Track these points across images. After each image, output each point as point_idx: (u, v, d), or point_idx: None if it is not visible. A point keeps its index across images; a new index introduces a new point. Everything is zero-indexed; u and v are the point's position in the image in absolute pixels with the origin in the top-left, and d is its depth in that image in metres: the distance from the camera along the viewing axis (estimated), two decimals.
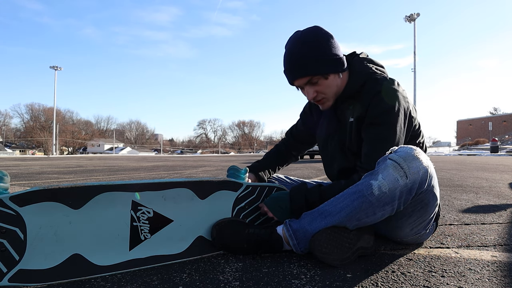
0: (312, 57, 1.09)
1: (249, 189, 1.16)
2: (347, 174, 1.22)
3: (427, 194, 1.03)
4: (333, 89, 1.16)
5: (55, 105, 37.73)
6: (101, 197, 0.92)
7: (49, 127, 58.16)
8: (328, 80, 1.14)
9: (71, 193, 0.88)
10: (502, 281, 0.88)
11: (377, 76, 1.17)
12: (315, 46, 1.10)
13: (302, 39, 1.11)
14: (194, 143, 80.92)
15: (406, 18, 26.57)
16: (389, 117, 1.09)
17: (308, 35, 1.11)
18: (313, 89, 1.15)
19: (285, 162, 1.55)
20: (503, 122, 47.81)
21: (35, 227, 0.85)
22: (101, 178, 4.36)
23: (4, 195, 0.82)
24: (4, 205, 0.81)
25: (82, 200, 0.90)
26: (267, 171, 1.47)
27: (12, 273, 0.82)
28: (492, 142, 22.56)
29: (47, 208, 0.86)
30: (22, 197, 0.83)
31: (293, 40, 1.13)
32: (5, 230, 0.81)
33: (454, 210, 1.94)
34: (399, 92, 1.12)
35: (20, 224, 0.83)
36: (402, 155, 0.98)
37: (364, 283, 0.87)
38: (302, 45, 1.10)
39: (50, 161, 11.99)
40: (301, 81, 1.14)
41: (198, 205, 1.08)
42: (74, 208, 0.89)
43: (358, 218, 0.99)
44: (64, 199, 0.88)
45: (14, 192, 0.83)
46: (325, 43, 1.11)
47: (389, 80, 1.15)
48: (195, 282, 0.87)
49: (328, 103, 1.20)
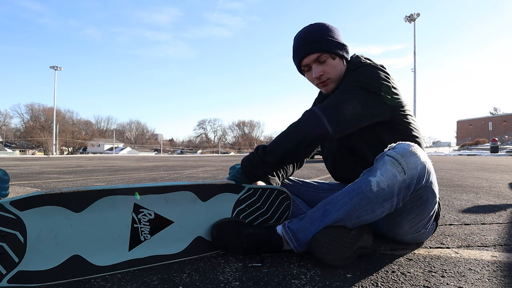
0: (324, 35, 1.21)
1: (251, 191, 1.16)
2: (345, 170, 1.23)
3: (426, 190, 1.03)
4: (337, 72, 1.23)
5: (55, 105, 37.74)
6: (103, 200, 0.92)
7: (49, 127, 58.12)
8: (335, 61, 1.22)
9: (73, 198, 0.88)
10: (502, 281, 0.88)
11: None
12: (326, 29, 1.23)
13: (314, 25, 1.24)
14: (194, 143, 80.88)
15: (406, 18, 26.57)
16: (361, 83, 1.12)
17: (319, 23, 1.25)
18: (321, 68, 1.21)
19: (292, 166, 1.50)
20: (503, 122, 47.79)
21: (36, 230, 0.85)
22: (101, 178, 4.36)
23: (4, 200, 0.81)
24: (5, 209, 0.81)
25: (84, 204, 0.90)
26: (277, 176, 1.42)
27: (11, 275, 0.82)
28: (492, 142, 22.57)
29: (48, 212, 0.85)
30: (23, 202, 0.82)
31: (305, 27, 1.25)
32: (5, 234, 0.81)
33: (454, 210, 1.94)
34: (381, 70, 1.16)
35: (20, 228, 0.83)
36: (399, 151, 0.98)
37: (364, 283, 0.87)
38: (315, 28, 1.23)
39: (50, 161, 12.00)
40: (311, 58, 1.21)
41: (199, 207, 1.08)
42: (75, 211, 0.89)
43: (357, 216, 0.99)
44: (66, 203, 0.88)
45: (15, 196, 0.82)
46: (334, 30, 1.24)
47: (376, 64, 1.20)
48: (195, 282, 0.87)
49: (331, 86, 1.24)
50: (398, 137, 1.15)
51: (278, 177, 1.39)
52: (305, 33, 1.23)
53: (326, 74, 1.22)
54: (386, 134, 1.18)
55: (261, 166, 1.12)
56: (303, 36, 1.23)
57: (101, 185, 0.93)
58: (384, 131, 1.18)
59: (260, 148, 1.14)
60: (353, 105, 1.09)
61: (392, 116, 1.16)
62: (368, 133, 1.18)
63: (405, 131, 1.19)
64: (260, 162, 1.12)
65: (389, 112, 1.15)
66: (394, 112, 1.16)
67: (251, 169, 1.14)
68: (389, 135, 1.17)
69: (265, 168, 1.13)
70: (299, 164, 1.53)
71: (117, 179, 4.16)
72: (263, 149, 1.13)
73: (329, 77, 1.23)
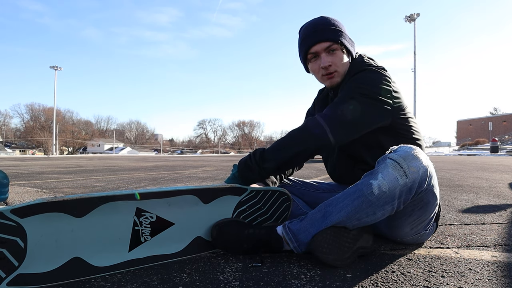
0: (338, 27, 1.21)
1: (253, 193, 1.16)
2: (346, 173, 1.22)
3: (427, 193, 1.03)
4: (344, 66, 1.23)
5: (55, 105, 37.67)
6: (106, 206, 0.92)
7: (49, 127, 58.10)
8: (344, 55, 1.22)
9: (75, 204, 0.88)
10: (502, 281, 0.88)
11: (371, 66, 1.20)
12: (339, 23, 1.24)
13: (326, 16, 1.24)
14: (194, 143, 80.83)
15: (406, 18, 26.54)
16: (363, 89, 1.11)
17: (330, 17, 1.24)
18: (330, 58, 1.20)
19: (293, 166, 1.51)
20: (503, 122, 47.79)
21: (37, 235, 0.84)
22: (101, 178, 4.36)
23: (5, 208, 0.81)
24: (5, 217, 0.80)
25: (86, 210, 0.90)
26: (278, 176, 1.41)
27: (10, 278, 0.82)
28: (492, 142, 22.57)
29: (49, 218, 0.85)
30: (24, 210, 0.82)
31: (316, 17, 1.25)
32: (5, 240, 0.81)
33: (454, 210, 1.94)
34: (382, 74, 1.15)
35: (21, 234, 0.82)
36: (401, 154, 0.98)
37: (364, 283, 0.87)
38: (328, 19, 1.23)
39: (50, 161, 11.99)
40: (322, 45, 1.19)
41: (201, 209, 1.09)
42: (77, 216, 0.89)
43: (358, 218, 0.99)
44: (68, 210, 0.87)
45: (16, 205, 0.81)
46: (345, 27, 1.25)
47: (378, 66, 1.19)
48: (195, 282, 0.87)
49: (337, 79, 1.23)
50: (399, 140, 1.15)
51: (276, 177, 1.39)
52: (318, 21, 1.22)
53: (334, 66, 1.20)
54: (387, 138, 1.18)
55: (257, 171, 1.12)
56: (316, 24, 1.21)
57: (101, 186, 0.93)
58: (384, 135, 1.18)
59: (258, 153, 1.13)
60: (356, 114, 1.08)
61: (393, 120, 1.16)
62: (368, 137, 1.17)
63: (406, 135, 1.19)
64: (257, 167, 1.12)
65: (390, 117, 1.15)
66: (395, 116, 1.16)
67: (247, 174, 1.14)
68: (389, 138, 1.17)
69: (262, 174, 1.13)
70: (300, 165, 1.53)
71: (117, 179, 4.16)
72: (261, 154, 1.12)
73: (337, 69, 1.21)
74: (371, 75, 1.15)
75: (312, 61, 1.24)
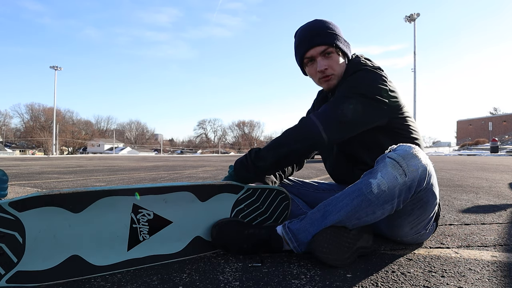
0: (332, 30, 1.22)
1: (250, 192, 1.16)
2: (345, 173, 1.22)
3: (427, 192, 1.03)
4: (341, 68, 1.23)
5: (55, 105, 37.68)
6: (102, 201, 0.92)
7: (49, 127, 58.12)
8: (339, 57, 1.22)
9: (72, 198, 0.88)
10: (502, 281, 0.88)
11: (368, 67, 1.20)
12: (333, 25, 1.24)
13: (320, 20, 1.24)
14: (194, 143, 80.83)
15: (406, 18, 26.55)
16: (359, 89, 1.11)
17: (324, 19, 1.25)
18: (326, 62, 1.21)
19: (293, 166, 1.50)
20: (503, 122, 47.80)
21: (35, 230, 0.85)
22: (101, 178, 4.36)
23: (3, 201, 0.81)
24: (3, 210, 0.81)
25: (83, 205, 0.90)
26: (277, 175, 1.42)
27: (10, 275, 0.82)
28: (492, 142, 22.58)
29: (47, 213, 0.85)
30: (21, 203, 0.82)
31: (311, 21, 1.25)
32: (4, 235, 0.81)
33: (454, 210, 1.94)
34: (378, 73, 1.15)
35: (19, 228, 0.83)
36: (400, 153, 0.98)
37: (364, 283, 0.87)
38: (322, 22, 1.23)
39: (50, 161, 11.99)
40: (317, 50, 1.20)
41: (198, 207, 1.08)
42: (74, 212, 0.89)
43: (357, 217, 0.99)
44: (65, 204, 0.88)
45: (14, 198, 0.82)
46: (339, 28, 1.26)
47: (374, 66, 1.19)
48: (195, 282, 0.87)
49: (334, 81, 1.24)
50: (397, 140, 1.14)
51: (275, 177, 1.39)
52: (312, 25, 1.22)
53: (330, 69, 1.21)
54: (385, 138, 1.18)
55: (253, 170, 1.12)
56: (311, 28, 1.22)
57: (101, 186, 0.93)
58: (382, 134, 1.18)
59: (253, 152, 1.14)
60: (350, 112, 1.08)
61: (390, 119, 1.16)
62: (366, 137, 1.18)
63: (404, 134, 1.19)
64: (252, 166, 1.12)
65: (387, 117, 1.15)
66: (392, 116, 1.16)
67: (243, 173, 1.14)
68: (388, 138, 1.17)
69: (257, 173, 1.13)
70: (299, 165, 1.53)
71: (117, 179, 4.16)
72: (256, 153, 1.13)
73: (333, 72, 1.21)
74: (367, 75, 1.15)
75: (309, 65, 1.24)
